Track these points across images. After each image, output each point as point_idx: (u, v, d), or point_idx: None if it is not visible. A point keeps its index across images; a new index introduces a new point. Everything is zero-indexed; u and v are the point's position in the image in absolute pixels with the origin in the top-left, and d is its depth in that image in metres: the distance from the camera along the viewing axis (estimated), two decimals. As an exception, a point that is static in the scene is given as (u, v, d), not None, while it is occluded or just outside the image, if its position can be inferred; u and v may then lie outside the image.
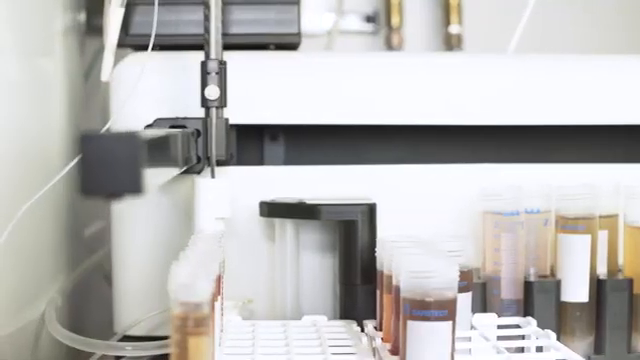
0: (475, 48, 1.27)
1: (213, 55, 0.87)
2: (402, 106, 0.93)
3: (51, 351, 0.94)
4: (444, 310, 0.72)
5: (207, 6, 0.87)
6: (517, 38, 1.09)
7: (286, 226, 0.88)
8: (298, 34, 0.95)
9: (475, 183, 0.89)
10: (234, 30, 0.94)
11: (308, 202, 0.86)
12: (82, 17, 1.10)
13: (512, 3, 1.22)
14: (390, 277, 0.80)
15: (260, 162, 0.96)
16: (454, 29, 1.27)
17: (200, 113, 0.89)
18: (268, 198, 0.90)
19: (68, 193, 0.99)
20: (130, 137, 0.52)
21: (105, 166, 0.52)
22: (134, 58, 0.93)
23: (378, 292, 0.82)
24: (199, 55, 0.89)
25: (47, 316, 0.90)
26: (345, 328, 0.83)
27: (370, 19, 1.30)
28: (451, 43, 1.28)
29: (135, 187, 0.52)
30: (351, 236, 0.85)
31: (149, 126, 0.89)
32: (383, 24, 1.31)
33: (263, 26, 0.95)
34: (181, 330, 0.61)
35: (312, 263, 0.89)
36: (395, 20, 1.29)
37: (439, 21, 1.31)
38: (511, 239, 0.87)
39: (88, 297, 1.09)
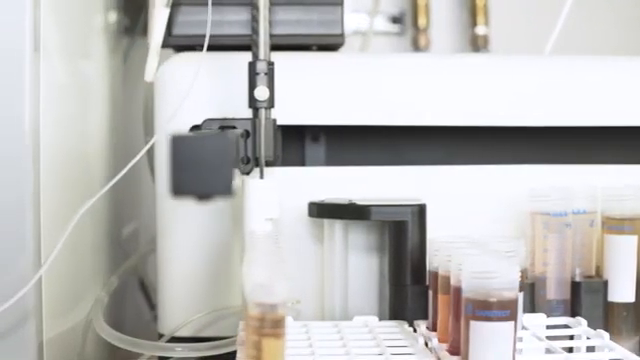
0: (501, 49, 1.28)
1: (262, 56, 0.87)
2: (443, 107, 0.94)
3: (95, 351, 0.94)
4: (506, 310, 0.73)
5: (255, 7, 0.87)
6: (554, 39, 1.09)
7: (335, 227, 0.88)
8: (341, 35, 0.95)
9: (520, 184, 0.90)
10: (278, 31, 0.94)
11: (358, 203, 0.86)
12: (119, 17, 1.10)
13: (539, 4, 1.23)
14: (446, 278, 0.80)
15: (301, 163, 0.96)
16: (481, 30, 1.28)
17: (246, 113, 0.89)
18: (309, 199, 0.90)
19: (106, 195, 0.99)
20: (221, 138, 0.52)
21: (195, 167, 0.52)
22: (180, 59, 0.93)
23: (431, 292, 0.83)
24: (245, 55, 0.89)
25: (94, 317, 0.90)
26: (398, 329, 0.83)
27: (396, 20, 1.31)
28: (477, 44, 1.28)
29: (225, 188, 0.52)
30: (401, 237, 0.85)
31: (196, 127, 0.89)
32: (409, 25, 1.31)
33: (307, 27, 0.95)
34: (257, 331, 0.61)
35: (359, 263, 0.89)
36: (422, 21, 1.29)
37: (465, 22, 1.31)
38: (559, 240, 0.87)
39: (123, 298, 1.09)
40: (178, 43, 0.94)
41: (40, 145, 0.76)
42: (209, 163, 0.52)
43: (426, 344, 0.79)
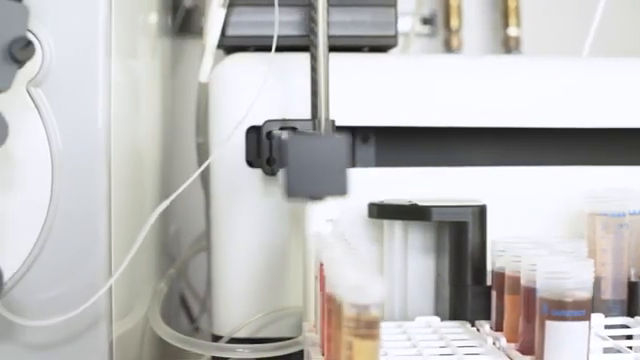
0: (532, 51, 1.29)
1: (321, 57, 0.87)
2: (493, 108, 0.94)
3: (150, 351, 0.94)
4: (582, 310, 0.74)
5: (314, 9, 0.88)
6: (591, 40, 1.10)
7: (394, 227, 0.88)
8: (395, 36, 0.96)
9: (575, 185, 0.91)
10: (332, 32, 0.93)
11: (420, 204, 0.86)
12: (161, 18, 1.10)
13: (569, 5, 1.24)
14: (514, 278, 0.81)
15: (352, 164, 0.97)
16: (512, 31, 1.29)
17: (302, 114, 0.89)
18: (359, 200, 0.91)
19: (157, 196, 0.99)
20: (335, 139, 0.53)
21: (311, 168, 0.53)
22: (236, 59, 0.93)
23: (494, 293, 0.83)
24: (299, 56, 0.90)
25: (151, 317, 0.90)
26: (462, 329, 0.84)
27: (427, 21, 1.31)
28: (509, 45, 1.29)
29: (341, 189, 0.53)
30: (462, 237, 0.86)
31: (254, 127, 0.89)
32: (440, 26, 1.32)
33: (361, 28, 0.95)
34: (353, 332, 0.62)
35: (417, 264, 0.90)
36: (454, 22, 1.30)
37: (497, 24, 1.32)
38: (616, 240, 0.88)
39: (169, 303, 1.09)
40: (231, 44, 0.94)
41: (111, 148, 0.76)
42: (325, 164, 0.52)
43: (493, 344, 0.80)
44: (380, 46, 0.97)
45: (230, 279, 0.92)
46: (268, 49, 0.95)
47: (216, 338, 0.93)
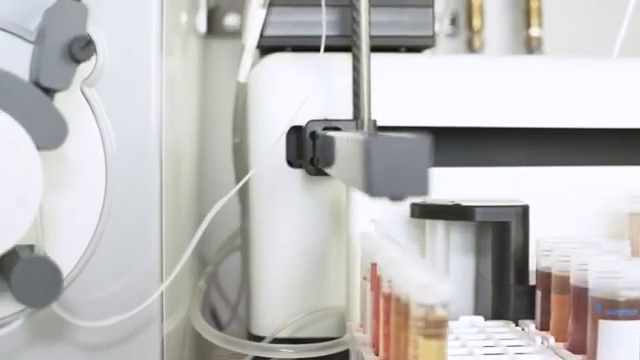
0: (555, 51, 1.29)
1: (364, 58, 0.87)
2: (533, 108, 0.94)
3: (190, 348, 0.94)
4: (634, 309, 0.74)
5: (356, 9, 0.88)
6: (621, 40, 1.10)
7: (437, 227, 0.89)
8: (432, 37, 0.96)
9: (614, 185, 0.91)
10: (371, 32, 0.94)
11: (463, 204, 0.86)
12: (193, 18, 1.10)
13: (592, 6, 1.24)
14: (562, 278, 0.81)
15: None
16: (534, 32, 1.29)
17: (343, 114, 0.90)
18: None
19: (194, 196, 0.99)
20: (419, 140, 0.53)
21: (394, 169, 0.53)
22: (275, 59, 0.93)
23: (539, 292, 0.84)
24: (339, 56, 0.90)
25: (192, 316, 0.90)
26: (507, 328, 0.84)
27: (450, 21, 1.31)
28: (531, 46, 1.29)
29: (423, 188, 0.53)
30: (504, 237, 0.86)
31: (295, 128, 0.89)
32: (462, 26, 1.32)
33: (399, 29, 0.96)
34: (421, 332, 0.62)
35: (458, 264, 0.90)
36: (476, 22, 1.30)
37: (518, 24, 1.32)
38: (656, 240, 0.89)
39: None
40: (269, 44, 0.94)
41: (163, 148, 0.76)
42: (407, 164, 0.52)
43: (542, 343, 0.80)
44: (416, 46, 0.98)
45: (270, 279, 0.92)
46: (305, 49, 0.95)
47: (252, 337, 0.93)
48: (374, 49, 0.94)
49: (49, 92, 0.67)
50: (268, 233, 0.91)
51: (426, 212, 0.88)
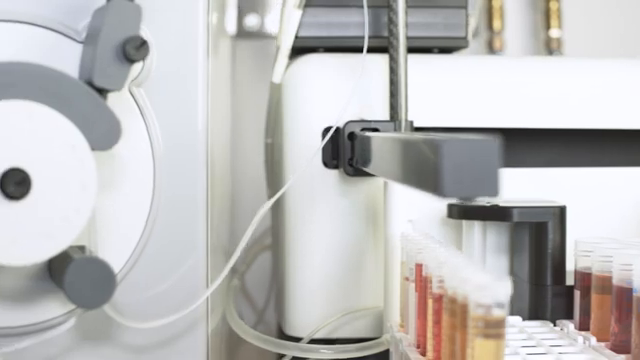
0: (575, 52, 1.30)
1: (401, 59, 0.87)
2: (570, 109, 0.94)
3: (227, 346, 0.94)
4: (679, 309, 0.75)
5: (393, 11, 0.88)
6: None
7: (473, 228, 0.89)
8: (465, 38, 0.96)
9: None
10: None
11: (500, 204, 0.87)
12: (230, 18, 1.10)
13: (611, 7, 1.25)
14: (603, 278, 0.81)
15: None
16: (554, 33, 1.29)
17: (378, 115, 0.90)
18: (435, 199, 0.91)
19: (228, 196, 0.99)
20: (490, 142, 0.53)
21: (464, 170, 0.53)
22: (310, 60, 0.93)
23: (577, 292, 0.84)
24: (374, 57, 0.90)
25: (229, 316, 0.90)
26: (546, 328, 0.84)
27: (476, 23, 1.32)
28: (551, 47, 1.30)
29: (494, 190, 0.53)
30: (542, 238, 0.86)
31: (330, 129, 0.90)
32: (483, 28, 1.32)
33: (433, 30, 0.96)
34: (479, 332, 0.62)
35: (494, 264, 0.90)
36: (497, 24, 1.30)
37: (537, 25, 1.33)
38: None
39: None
40: (302, 45, 0.94)
41: (208, 149, 0.76)
42: (479, 166, 0.52)
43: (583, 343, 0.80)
44: (449, 47, 0.98)
45: (306, 280, 0.92)
46: (336, 50, 0.96)
47: (284, 338, 0.93)
48: (408, 50, 0.94)
49: (102, 92, 0.67)
50: (304, 233, 0.91)
51: (464, 213, 0.88)
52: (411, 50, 0.94)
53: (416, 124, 0.92)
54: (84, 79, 0.67)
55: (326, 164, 0.91)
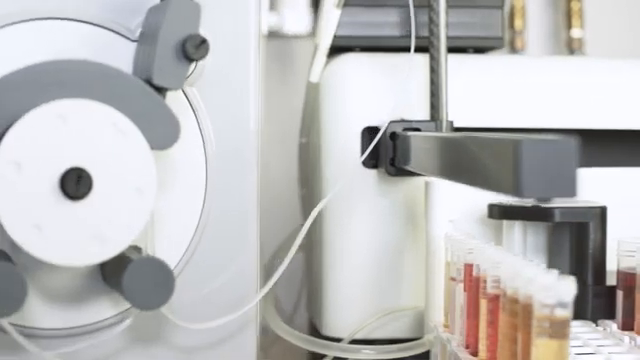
0: (597, 52, 1.30)
1: (442, 59, 0.87)
2: (609, 110, 0.95)
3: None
4: None
5: (434, 10, 0.88)
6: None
7: (514, 228, 0.89)
8: (501, 38, 0.96)
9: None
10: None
11: (542, 205, 0.87)
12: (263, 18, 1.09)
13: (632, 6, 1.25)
14: (650, 279, 0.82)
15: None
16: (576, 33, 1.30)
17: (416, 115, 0.90)
18: (478, 200, 0.91)
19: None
20: (568, 142, 0.53)
21: (542, 170, 0.53)
22: (348, 59, 0.92)
23: (620, 292, 0.84)
24: (414, 56, 0.90)
25: (268, 315, 0.89)
26: (589, 328, 0.84)
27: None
28: (572, 47, 1.30)
29: (571, 190, 0.53)
30: (583, 238, 0.86)
31: (370, 129, 0.89)
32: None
33: (469, 29, 0.96)
34: (544, 332, 0.62)
35: (533, 264, 0.90)
36: (518, 23, 1.30)
37: (559, 25, 1.33)
38: None
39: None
40: (339, 44, 0.94)
41: (259, 149, 0.76)
42: (557, 166, 0.52)
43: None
44: (484, 47, 0.98)
45: (344, 280, 0.91)
46: (372, 50, 0.95)
47: (320, 338, 0.93)
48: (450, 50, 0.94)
49: (160, 91, 0.67)
50: (342, 234, 0.91)
51: (505, 213, 0.88)
52: (448, 50, 0.94)
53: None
54: (140, 78, 0.67)
55: (365, 164, 0.91)
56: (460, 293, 0.78)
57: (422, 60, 0.90)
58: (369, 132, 0.90)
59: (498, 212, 0.89)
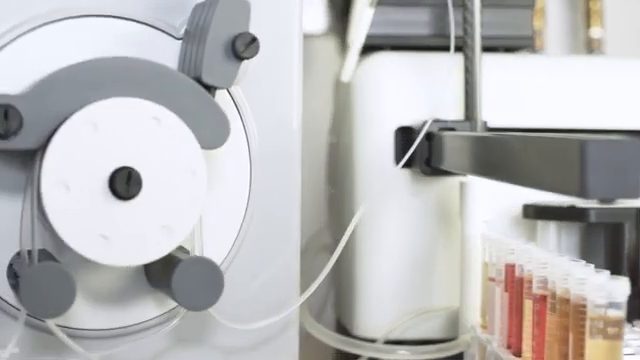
0: (616, 52, 1.30)
1: (477, 59, 0.87)
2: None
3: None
4: None
5: (468, 9, 0.87)
6: None
7: (549, 228, 0.89)
8: (531, 37, 0.96)
9: None
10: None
11: (578, 205, 0.86)
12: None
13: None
14: (689, 279, 0.82)
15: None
16: (595, 33, 1.29)
17: (450, 115, 0.89)
18: (511, 201, 0.91)
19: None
20: (634, 143, 0.53)
21: (608, 170, 0.53)
22: (380, 58, 0.92)
23: (657, 293, 0.84)
24: (444, 56, 0.89)
25: (301, 315, 0.89)
26: (626, 329, 0.84)
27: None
28: (592, 47, 1.30)
29: (636, 191, 0.53)
30: (618, 239, 0.86)
31: (405, 128, 0.89)
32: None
33: (499, 28, 0.96)
34: (599, 332, 0.62)
35: (567, 265, 0.90)
36: (538, 23, 1.30)
37: (577, 25, 1.33)
38: None
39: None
40: (371, 43, 0.93)
41: (300, 149, 0.75)
42: (623, 167, 0.52)
43: (667, 344, 0.81)
44: (514, 47, 0.98)
45: (376, 280, 0.91)
46: (403, 48, 0.95)
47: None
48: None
49: (209, 90, 0.66)
50: (374, 234, 0.91)
51: (540, 213, 0.88)
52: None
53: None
54: (188, 76, 0.66)
55: (398, 163, 0.90)
56: (500, 294, 0.78)
57: (453, 59, 0.90)
58: (402, 132, 0.90)
59: (533, 212, 0.89)
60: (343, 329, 0.98)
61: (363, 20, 0.91)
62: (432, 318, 0.91)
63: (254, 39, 0.65)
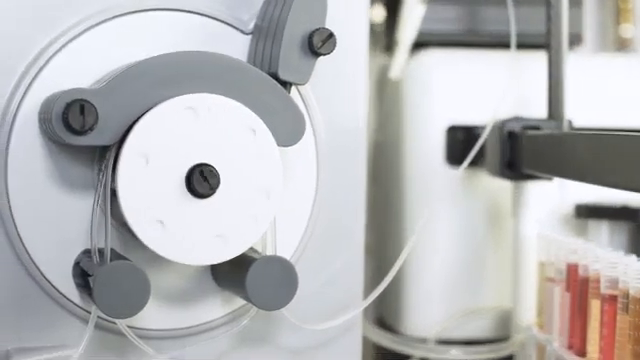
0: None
1: (562, 57, 0.85)
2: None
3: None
4: None
5: (553, 8, 0.85)
6: None
7: (601, 228, 0.88)
8: (580, 35, 0.96)
9: None
10: (520, 29, 0.93)
11: (630, 206, 0.86)
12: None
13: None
14: None
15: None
16: (627, 31, 1.29)
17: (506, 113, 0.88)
18: (559, 200, 0.90)
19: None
20: None
21: None
22: (431, 55, 0.91)
23: None
24: (505, 54, 0.88)
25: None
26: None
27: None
28: (623, 45, 1.29)
29: None
30: (669, 239, 0.86)
31: (455, 128, 0.88)
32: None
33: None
34: None
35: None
36: (567, 22, 1.29)
37: (607, 23, 1.32)
38: None
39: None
40: (422, 40, 0.93)
41: (365, 148, 0.74)
42: None
43: None
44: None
45: (426, 280, 0.91)
46: (453, 45, 0.94)
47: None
48: (527, 46, 0.93)
49: (285, 86, 0.65)
50: (424, 232, 0.90)
51: (593, 213, 0.88)
52: (530, 46, 0.93)
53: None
54: (263, 72, 0.65)
55: (448, 162, 0.90)
56: (560, 294, 0.78)
57: (507, 57, 0.89)
58: (452, 130, 0.90)
59: (586, 212, 0.88)
60: (385, 328, 0.97)
61: (414, 17, 0.90)
62: (480, 318, 0.90)
63: (331, 35, 0.64)
